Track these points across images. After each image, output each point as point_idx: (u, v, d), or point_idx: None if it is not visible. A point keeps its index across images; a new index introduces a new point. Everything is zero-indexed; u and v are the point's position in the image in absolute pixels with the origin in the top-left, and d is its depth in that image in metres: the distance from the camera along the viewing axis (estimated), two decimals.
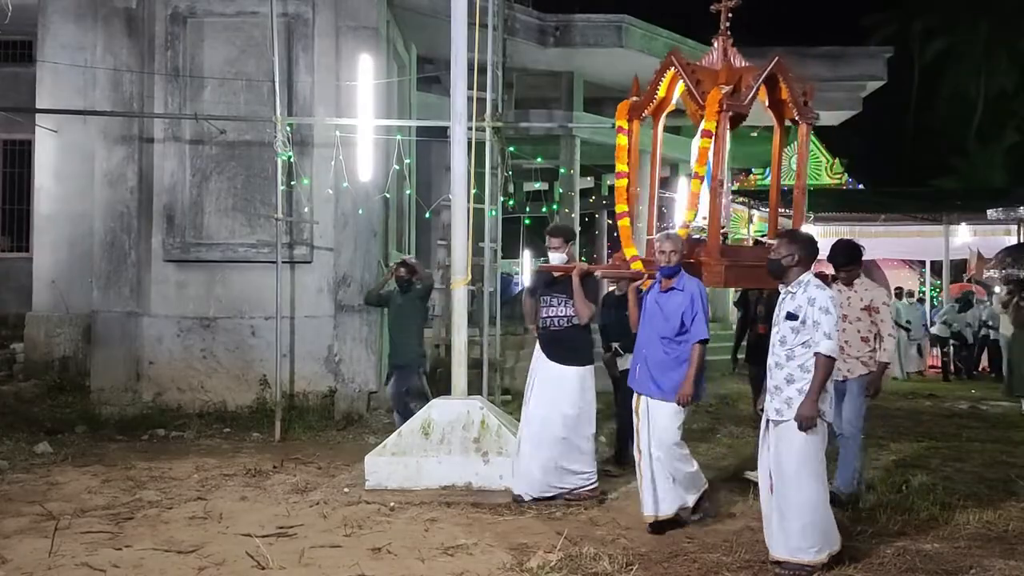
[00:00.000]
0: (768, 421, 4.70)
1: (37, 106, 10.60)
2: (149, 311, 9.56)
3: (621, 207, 6.17)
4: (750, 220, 20.62)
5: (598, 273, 6.17)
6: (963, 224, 18.02)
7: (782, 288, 4.69)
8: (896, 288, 17.31)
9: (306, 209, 9.51)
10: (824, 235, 20.69)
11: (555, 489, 5.88)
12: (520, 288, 20.73)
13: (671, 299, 5.28)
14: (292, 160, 9.14)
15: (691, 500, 5.40)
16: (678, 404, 5.23)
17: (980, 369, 15.70)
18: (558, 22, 13.52)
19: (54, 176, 10.73)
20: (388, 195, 9.95)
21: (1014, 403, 11.00)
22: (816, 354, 4.46)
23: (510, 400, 9.66)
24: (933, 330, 15.64)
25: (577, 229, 15.55)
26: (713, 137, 5.64)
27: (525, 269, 26.36)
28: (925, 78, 31.97)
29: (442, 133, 8.87)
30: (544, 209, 21.21)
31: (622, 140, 6.22)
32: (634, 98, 6.20)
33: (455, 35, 6.89)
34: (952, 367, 15.34)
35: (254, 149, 9.58)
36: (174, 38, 9.60)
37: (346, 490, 6.23)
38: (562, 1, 15.34)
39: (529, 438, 5.93)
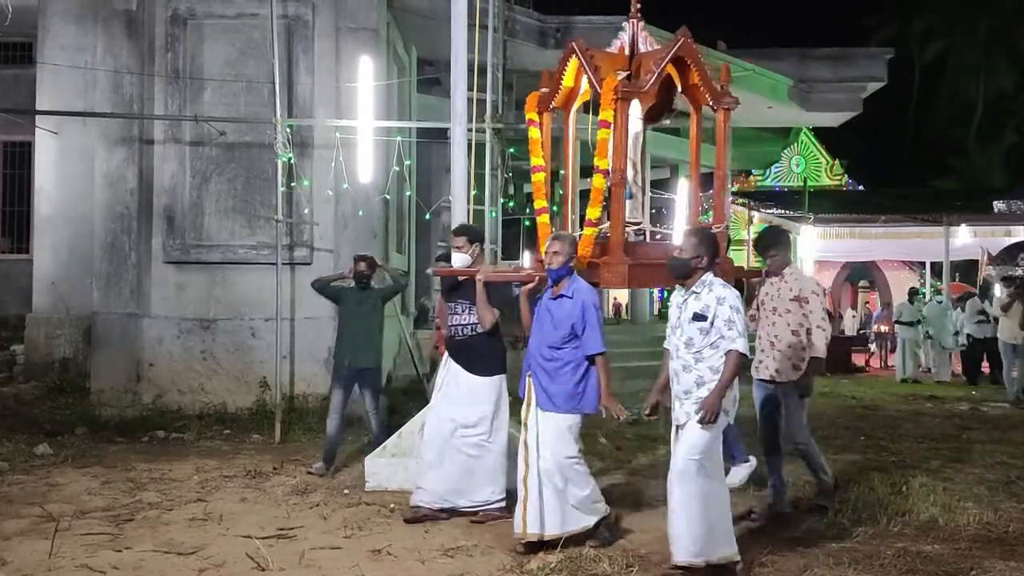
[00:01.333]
0: (677, 427, 4.48)
1: (37, 108, 10.60)
2: (149, 312, 9.56)
3: (540, 203, 5.94)
4: (750, 221, 20.64)
5: (479, 276, 5.54)
6: (963, 225, 18.04)
7: (682, 289, 4.51)
8: (910, 288, 17.17)
9: (306, 211, 9.51)
10: (824, 236, 20.80)
11: (454, 503, 5.54)
12: (519, 290, 20.70)
13: (561, 306, 4.94)
14: (292, 162, 9.14)
15: (588, 522, 4.98)
16: (606, 414, 4.98)
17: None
18: (558, 23, 13.51)
19: (54, 178, 10.73)
20: (388, 196, 9.95)
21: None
22: (729, 351, 4.34)
23: (510, 400, 9.65)
24: (968, 330, 14.71)
25: (576, 233, 15.49)
26: (613, 127, 5.29)
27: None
28: (925, 79, 32.01)
29: (442, 134, 8.86)
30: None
31: (534, 133, 5.97)
32: (543, 90, 5.93)
33: (455, 37, 6.90)
34: (969, 370, 14.82)
35: (254, 151, 9.58)
36: (174, 40, 9.61)
37: (346, 492, 6.24)
38: (562, 2, 15.35)
39: (431, 445, 5.60)
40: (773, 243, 5.86)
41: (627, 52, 5.63)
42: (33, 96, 10.73)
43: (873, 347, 19.41)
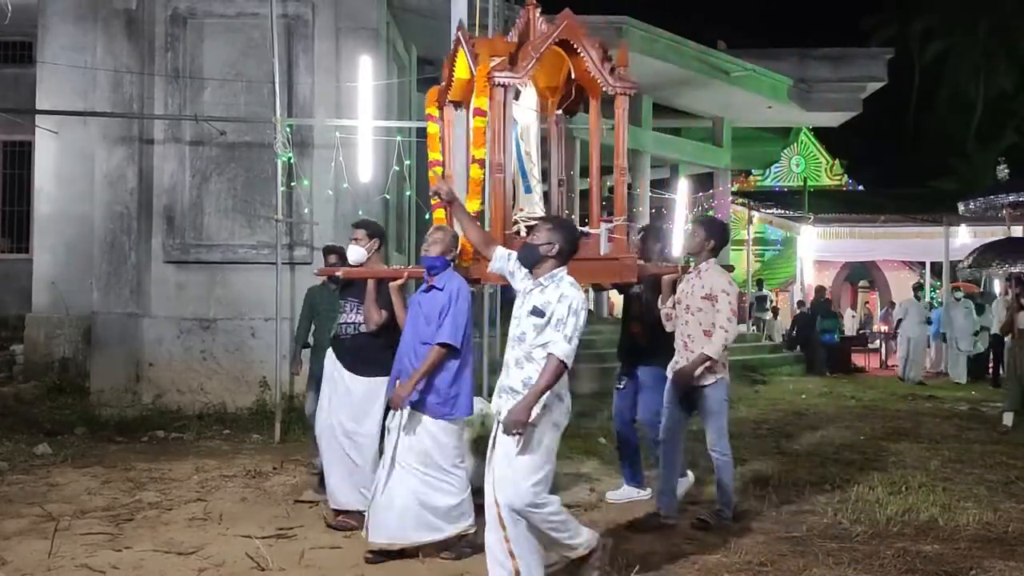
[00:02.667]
0: (499, 424, 4.06)
1: (37, 107, 10.59)
2: (149, 312, 9.56)
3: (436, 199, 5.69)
4: (750, 221, 20.66)
5: (339, 273, 5.45)
6: (963, 225, 18.03)
7: (531, 280, 4.09)
8: (915, 283, 17.00)
9: (306, 210, 9.51)
10: (824, 236, 20.81)
11: (337, 503, 5.34)
12: None
13: (433, 299, 4.72)
14: (292, 161, 9.14)
15: (444, 534, 4.73)
16: (396, 407, 4.69)
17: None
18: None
19: (54, 177, 10.72)
20: (388, 196, 9.95)
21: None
22: (549, 355, 3.86)
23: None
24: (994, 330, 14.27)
25: (581, 230, 15.44)
26: (488, 115, 5.05)
27: None
28: (925, 79, 32.00)
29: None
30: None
31: (432, 128, 5.75)
32: (443, 83, 5.69)
33: (455, 36, 6.89)
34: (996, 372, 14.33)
35: (254, 150, 9.58)
36: (174, 39, 9.61)
37: None
38: (562, 2, 15.32)
39: (321, 445, 5.42)
40: (710, 234, 5.51)
41: (519, 39, 5.36)
42: (33, 96, 10.73)
43: (877, 344, 19.37)
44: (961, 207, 12.07)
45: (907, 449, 8.10)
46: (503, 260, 4.29)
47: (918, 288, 15.91)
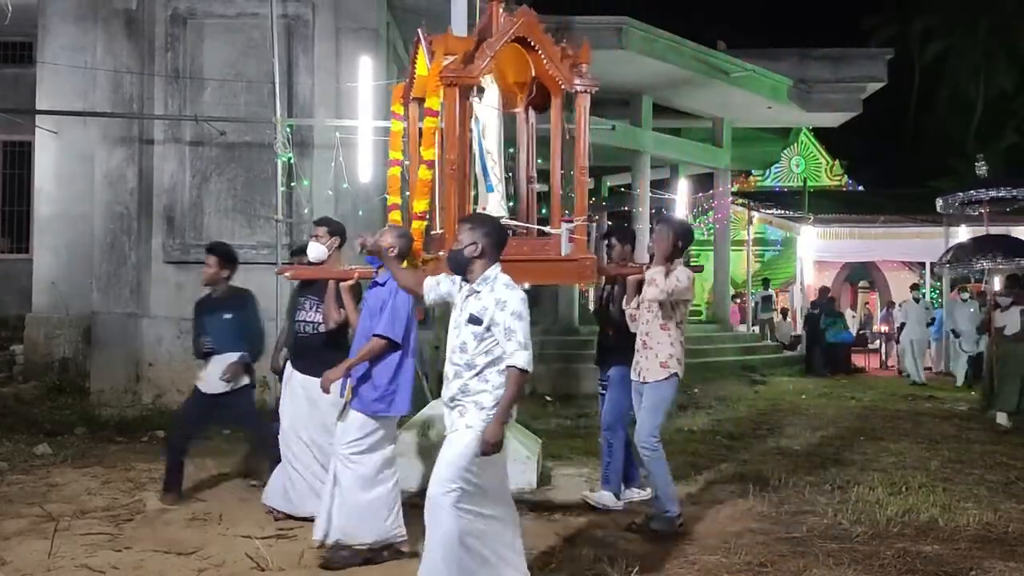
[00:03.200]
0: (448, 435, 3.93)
1: (37, 107, 10.59)
2: (149, 312, 9.55)
3: (393, 198, 5.64)
4: (750, 221, 20.66)
5: (287, 274, 5.43)
6: (963, 226, 18.01)
7: (465, 285, 3.95)
8: (912, 285, 16.86)
9: (306, 210, 9.51)
10: (824, 236, 20.80)
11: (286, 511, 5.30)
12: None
13: (376, 294, 4.70)
14: (292, 161, 9.14)
15: (365, 538, 4.62)
16: (324, 389, 4.66)
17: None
18: (558, 23, 13.50)
19: (54, 177, 10.72)
20: (388, 196, 9.95)
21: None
22: (510, 368, 3.73)
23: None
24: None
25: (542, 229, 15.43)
26: (440, 114, 4.95)
27: None
28: (925, 79, 31.99)
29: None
30: (544, 211, 21.23)
31: (396, 126, 5.71)
32: (407, 80, 5.66)
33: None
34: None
35: (254, 150, 9.58)
36: (174, 39, 9.61)
37: None
38: (562, 2, 15.30)
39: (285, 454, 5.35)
40: (677, 236, 5.44)
41: (479, 36, 5.24)
42: (33, 96, 10.73)
43: (877, 344, 19.32)
44: (939, 204, 11.82)
45: (907, 449, 8.10)
46: (434, 289, 4.13)
47: (915, 288, 15.87)
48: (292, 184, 9.37)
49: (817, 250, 20.93)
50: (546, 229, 5.30)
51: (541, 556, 4.72)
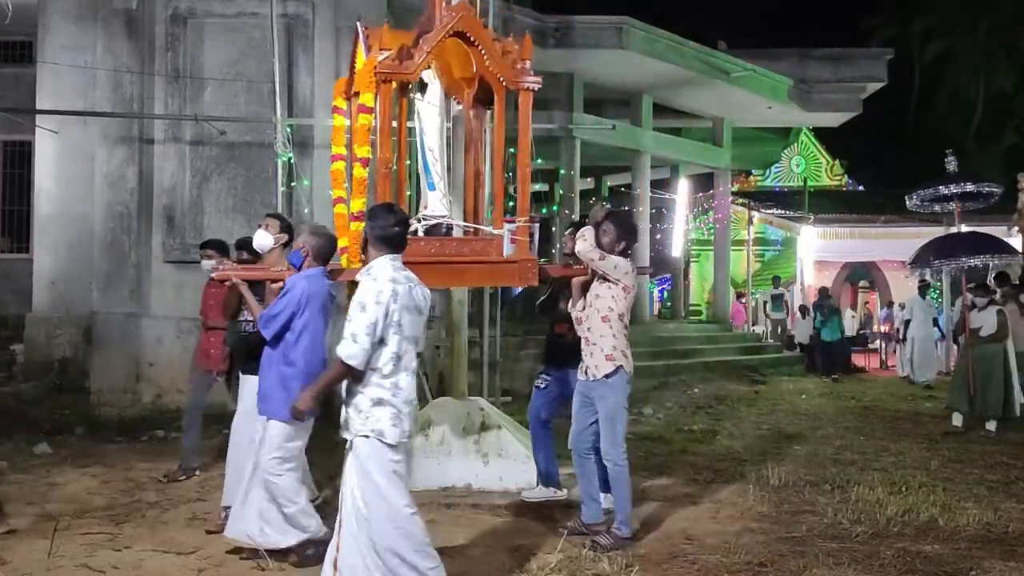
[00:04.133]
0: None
1: (37, 107, 10.60)
2: (149, 312, 9.55)
3: (337, 191, 5.50)
4: (750, 221, 20.66)
5: (214, 275, 5.13)
6: (963, 226, 17.98)
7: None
8: (920, 281, 16.27)
9: (306, 210, 9.50)
10: (824, 236, 20.80)
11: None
12: (521, 289, 20.72)
13: (280, 299, 4.62)
14: (292, 161, 9.13)
15: (278, 541, 4.54)
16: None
17: None
18: (558, 23, 13.51)
19: (54, 177, 10.73)
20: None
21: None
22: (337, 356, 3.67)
23: (510, 401, 9.66)
24: None
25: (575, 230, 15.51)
26: (375, 111, 4.82)
27: None
28: (925, 79, 31.98)
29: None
30: (544, 210, 21.23)
31: (338, 121, 5.58)
32: (348, 75, 5.54)
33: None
34: None
35: (254, 150, 9.58)
36: (174, 39, 9.61)
37: None
38: (562, 2, 15.32)
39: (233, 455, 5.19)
40: (621, 234, 5.26)
41: (419, 31, 5.12)
42: (33, 95, 10.73)
43: (877, 344, 19.23)
44: (908, 202, 11.44)
45: (907, 449, 8.10)
46: None
47: (925, 287, 15.15)
48: (292, 184, 9.36)
49: (817, 250, 20.93)
50: (487, 229, 5.16)
51: (541, 556, 4.72)
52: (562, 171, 15.19)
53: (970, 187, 10.16)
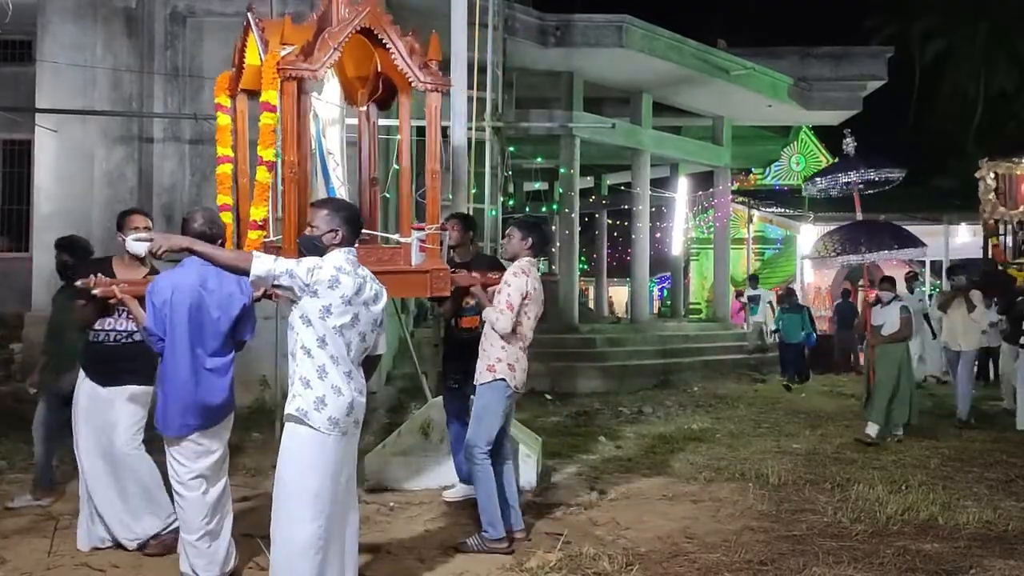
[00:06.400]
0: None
1: (37, 106, 10.59)
2: None
3: (223, 197, 5.19)
4: (750, 220, 20.67)
5: (96, 292, 4.52)
6: (963, 224, 18.02)
7: None
8: (907, 273, 15.15)
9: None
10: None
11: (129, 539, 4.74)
12: None
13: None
14: None
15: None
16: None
17: None
18: (558, 22, 13.51)
19: (54, 176, 10.72)
20: (388, 195, 9.93)
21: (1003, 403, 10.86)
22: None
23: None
24: None
25: (577, 230, 15.63)
26: (279, 110, 4.58)
27: None
28: (925, 79, 31.99)
29: (442, 133, 8.85)
30: (544, 209, 21.25)
31: (222, 120, 5.23)
32: (234, 69, 5.23)
33: (455, 35, 6.90)
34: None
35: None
36: (174, 38, 9.61)
37: None
38: (562, 1, 15.30)
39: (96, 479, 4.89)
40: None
41: (318, 25, 4.83)
42: (33, 94, 10.72)
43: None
44: (807, 190, 10.95)
45: (907, 447, 8.10)
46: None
47: (913, 279, 14.21)
48: None
49: None
50: (395, 237, 4.92)
51: (541, 555, 4.72)
52: (562, 170, 15.19)
53: (871, 174, 9.60)
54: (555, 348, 13.05)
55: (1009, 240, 14.76)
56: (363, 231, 4.92)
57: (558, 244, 16.45)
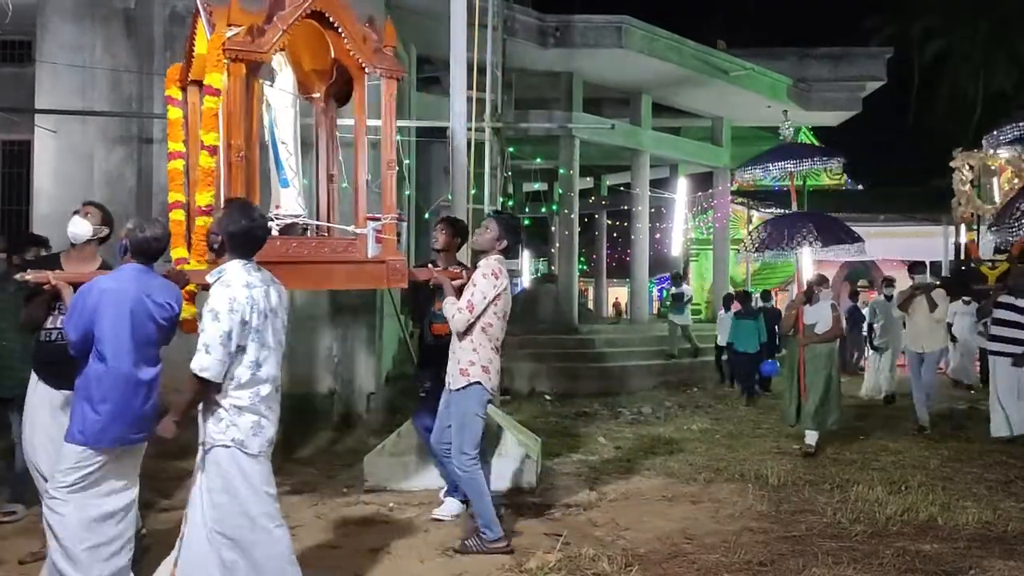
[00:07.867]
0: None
1: (36, 106, 10.57)
2: None
3: (175, 195, 5.11)
4: (749, 220, 20.67)
5: (30, 279, 4.42)
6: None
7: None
8: (885, 278, 13.69)
9: (306, 210, 9.48)
10: None
11: None
12: (521, 289, 20.74)
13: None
14: None
15: None
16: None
17: None
18: (558, 22, 13.52)
19: (53, 177, 10.69)
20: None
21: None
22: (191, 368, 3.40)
23: (509, 400, 9.66)
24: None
25: (576, 231, 15.63)
26: (222, 94, 4.44)
27: (524, 270, 26.41)
28: (924, 79, 32.00)
29: (441, 134, 8.85)
30: (543, 209, 21.26)
31: (173, 113, 5.08)
32: (184, 60, 5.07)
33: (454, 35, 6.89)
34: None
35: None
36: (173, 38, 9.60)
37: (345, 491, 6.23)
38: (562, 1, 15.31)
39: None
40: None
41: (269, 8, 4.69)
42: (32, 95, 10.71)
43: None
44: (738, 176, 10.51)
45: (906, 448, 8.10)
46: None
47: (890, 284, 12.64)
48: None
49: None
50: (349, 228, 4.86)
51: (541, 555, 4.72)
52: (561, 170, 15.20)
53: (807, 163, 9.08)
54: (555, 349, 13.04)
55: (989, 236, 14.33)
56: (318, 223, 5.07)
57: (557, 245, 16.45)
